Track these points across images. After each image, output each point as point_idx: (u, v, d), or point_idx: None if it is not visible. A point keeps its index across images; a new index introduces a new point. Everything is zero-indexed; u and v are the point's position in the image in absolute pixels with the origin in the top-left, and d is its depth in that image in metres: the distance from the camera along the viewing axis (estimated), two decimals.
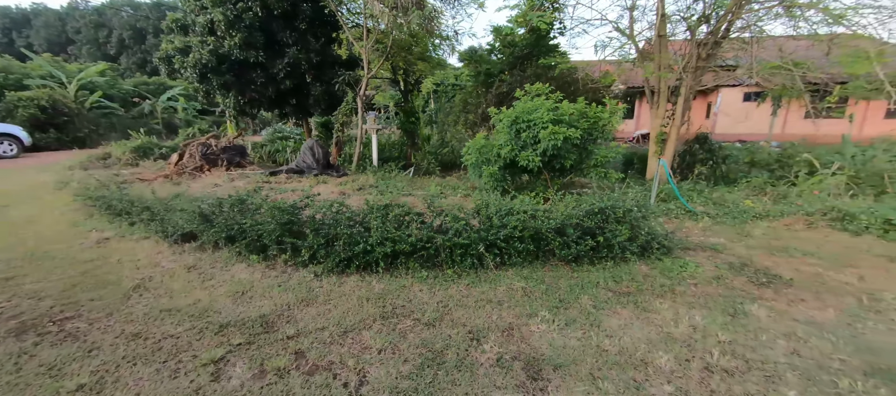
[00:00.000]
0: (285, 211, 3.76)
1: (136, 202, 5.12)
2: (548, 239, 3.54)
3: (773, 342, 2.50)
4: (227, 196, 4.55)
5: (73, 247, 4.19)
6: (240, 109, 10.54)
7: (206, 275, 3.50)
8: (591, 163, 5.34)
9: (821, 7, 6.13)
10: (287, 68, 9.41)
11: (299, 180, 7.80)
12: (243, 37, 8.69)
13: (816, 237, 4.52)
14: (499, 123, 5.57)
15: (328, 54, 10.44)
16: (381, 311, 2.86)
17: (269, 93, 9.91)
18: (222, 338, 2.52)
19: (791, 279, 3.42)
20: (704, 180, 7.38)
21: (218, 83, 9.18)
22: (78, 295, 3.13)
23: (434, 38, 11.46)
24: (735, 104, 17.45)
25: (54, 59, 21.71)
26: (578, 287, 3.21)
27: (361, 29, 10.21)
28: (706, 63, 8.11)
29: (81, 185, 6.72)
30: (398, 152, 12.24)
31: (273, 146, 12.24)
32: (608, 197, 3.85)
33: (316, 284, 3.30)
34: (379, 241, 3.44)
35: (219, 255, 3.92)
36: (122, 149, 10.46)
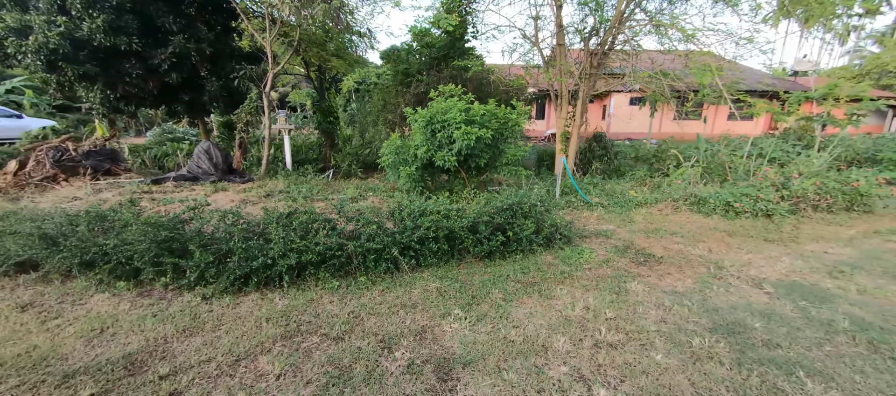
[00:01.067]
0: (163, 227, 3.20)
1: None
2: (461, 237, 3.61)
3: (647, 313, 2.90)
4: (84, 212, 3.73)
5: None
6: (111, 106, 8.75)
7: (50, 313, 2.80)
8: (503, 162, 5.64)
9: (678, 27, 7.37)
10: (172, 59, 8.10)
11: (192, 188, 6.78)
12: (108, 19, 7.22)
13: (680, 219, 5.42)
14: (415, 123, 5.54)
15: (226, 45, 9.29)
16: (283, 331, 2.60)
17: (150, 87, 8.43)
18: (66, 391, 2.03)
19: (661, 256, 4.02)
20: (600, 174, 8.34)
21: (75, 74, 7.49)
22: None
23: (350, 35, 11.02)
24: (623, 107, 20.19)
25: None
26: (490, 282, 3.34)
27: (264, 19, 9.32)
28: (598, 70, 9.18)
29: None
30: (316, 154, 11.50)
31: (160, 149, 10.48)
32: (515, 193, 4.08)
33: (203, 308, 2.86)
34: (281, 253, 3.13)
35: (70, 287, 3.17)
36: None
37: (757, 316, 2.84)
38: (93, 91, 8.30)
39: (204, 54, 8.60)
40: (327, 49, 10.86)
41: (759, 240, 4.61)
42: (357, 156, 10.93)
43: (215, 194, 6.36)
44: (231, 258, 3.16)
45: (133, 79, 8.08)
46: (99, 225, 3.43)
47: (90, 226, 3.42)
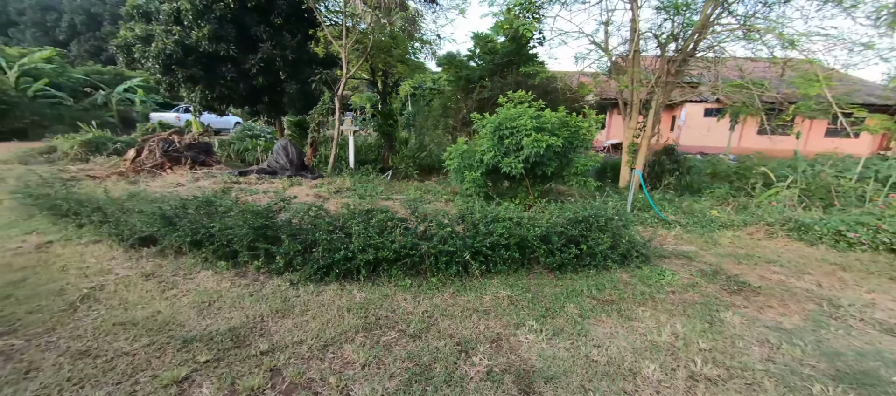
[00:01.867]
0: (259, 215, 3.52)
1: (85, 202, 4.65)
2: (533, 246, 3.52)
3: (748, 348, 2.59)
4: (192, 197, 4.22)
5: (7, 254, 3.72)
6: (207, 105, 9.93)
7: (168, 284, 3.20)
8: (571, 171, 5.43)
9: (777, 32, 6.60)
10: (260, 64, 8.98)
11: (271, 181, 7.42)
12: (213, 29, 8.21)
13: (776, 246, 4.81)
14: (482, 129, 5.55)
15: (304, 52, 10.09)
16: (363, 322, 2.72)
17: (240, 89, 9.41)
18: (186, 355, 2.29)
19: (759, 286, 3.59)
20: (673, 190, 7.71)
21: (184, 76, 8.61)
22: (12, 308, 2.76)
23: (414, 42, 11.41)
24: (697, 118, 18.54)
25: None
26: (563, 295, 3.21)
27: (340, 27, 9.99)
28: (675, 78, 8.55)
29: (20, 182, 6.04)
30: (375, 155, 12.03)
31: (242, 144, 11.64)
32: (590, 205, 3.90)
33: (292, 293, 3.09)
34: (361, 248, 3.28)
35: (182, 262, 3.61)
36: (69, 144, 9.56)
37: (893, 369, 2.41)
38: (194, 91, 9.45)
39: (286, 60, 9.41)
40: (393, 55, 11.36)
41: (884, 278, 3.93)
42: (414, 158, 11.23)
43: (291, 188, 6.90)
44: (315, 249, 3.38)
45: (228, 81, 9.07)
46: (206, 209, 3.87)
47: (199, 210, 3.87)
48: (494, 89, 8.50)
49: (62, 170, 7.87)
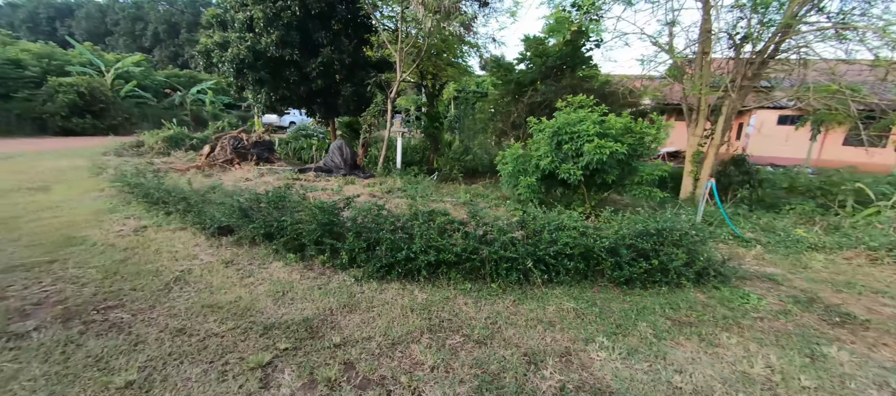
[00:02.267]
0: (326, 212, 3.68)
1: (172, 192, 5.15)
2: (599, 258, 3.35)
3: (865, 391, 2.26)
4: (264, 192, 4.52)
5: (111, 234, 4.20)
6: (270, 105, 10.67)
7: (245, 272, 3.44)
8: (634, 180, 5.13)
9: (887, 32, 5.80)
10: (320, 68, 9.48)
11: (327, 179, 7.78)
12: (280, 34, 8.80)
13: (884, 274, 4.19)
14: (538, 133, 5.41)
15: (359, 56, 10.50)
16: (427, 323, 2.73)
17: (300, 91, 10.00)
18: (267, 341, 2.43)
19: (867, 320, 3.13)
20: (746, 204, 7.03)
21: (253, 79, 9.31)
22: (119, 284, 3.10)
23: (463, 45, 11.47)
24: (769, 126, 16.83)
25: (94, 48, 22.61)
26: (633, 312, 3.01)
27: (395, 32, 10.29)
28: (751, 82, 7.82)
29: (117, 172, 6.84)
30: (420, 156, 12.21)
31: (297, 143, 12.36)
32: (662, 218, 3.64)
33: (357, 289, 3.19)
34: (423, 249, 3.31)
35: (256, 252, 3.86)
36: (154, 139, 10.70)
37: None
38: (260, 93, 10.18)
39: (343, 63, 9.85)
40: (443, 58, 11.49)
41: None
42: (459, 160, 11.26)
43: (347, 186, 7.18)
44: (378, 247, 3.46)
45: (290, 84, 9.67)
46: (278, 204, 4.12)
47: (270, 205, 4.12)
48: (548, 93, 8.28)
49: (149, 162, 8.82)
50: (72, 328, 2.46)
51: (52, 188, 6.18)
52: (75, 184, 6.38)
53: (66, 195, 5.72)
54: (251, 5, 8.67)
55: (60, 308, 2.70)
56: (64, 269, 3.33)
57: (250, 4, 8.69)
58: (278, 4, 8.56)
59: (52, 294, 2.91)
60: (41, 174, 7.27)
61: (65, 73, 17.90)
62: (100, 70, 19.24)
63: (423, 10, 6.06)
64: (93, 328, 2.48)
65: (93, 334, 2.41)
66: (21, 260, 3.47)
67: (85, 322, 2.55)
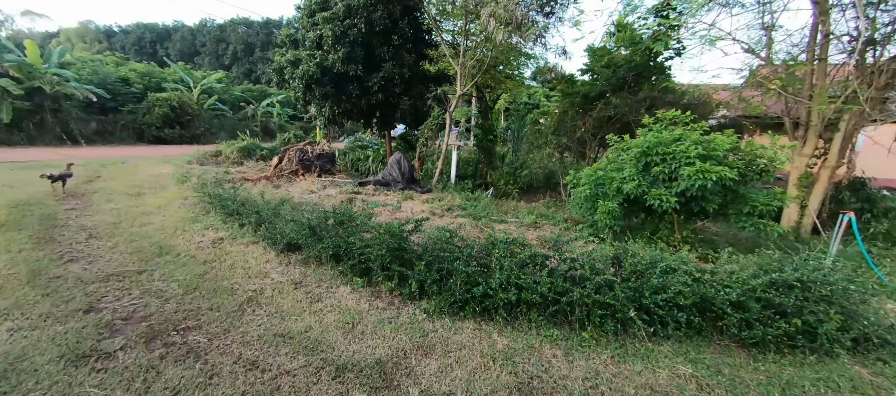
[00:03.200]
0: (395, 235, 3.47)
1: (246, 204, 5.32)
2: (720, 312, 2.74)
3: None
4: (331, 207, 4.46)
5: (192, 245, 4.37)
6: (332, 118, 11.08)
7: (314, 296, 3.31)
8: (742, 210, 4.33)
9: None
10: (382, 82, 9.64)
11: (386, 194, 7.75)
12: (346, 51, 9.09)
13: None
14: (622, 153, 4.84)
15: (418, 70, 10.57)
16: (515, 380, 2.34)
17: (361, 105, 10.25)
18: (341, 387, 2.20)
19: None
20: (881, 241, 5.75)
21: (319, 94, 9.71)
22: (198, 302, 3.11)
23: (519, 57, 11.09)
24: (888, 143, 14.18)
25: (185, 67, 25.56)
26: (777, 390, 2.37)
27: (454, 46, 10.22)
28: (883, 92, 6.52)
29: (199, 181, 7.35)
30: (473, 170, 11.95)
31: (354, 155, 12.70)
32: (802, 264, 2.92)
33: (429, 326, 2.90)
34: (502, 285, 2.95)
35: (323, 273, 3.75)
36: (230, 149, 11.57)
37: None
38: (325, 107, 10.61)
39: (403, 77, 9.94)
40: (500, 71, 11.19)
41: None
42: (514, 176, 10.80)
43: (406, 202, 7.07)
44: (451, 279, 3.16)
45: (353, 98, 9.95)
46: (346, 225, 4.01)
47: (338, 225, 4.02)
48: (621, 107, 7.58)
49: (226, 171, 9.48)
50: (154, 350, 2.44)
51: (145, 194, 6.77)
52: (165, 191, 6.95)
53: (157, 202, 6.20)
54: (321, 24, 9.08)
55: (145, 325, 2.72)
56: (150, 281, 3.44)
57: (321, 24, 9.10)
58: (346, 23, 8.87)
59: (140, 308, 2.97)
60: (140, 179, 8.07)
61: (161, 90, 20.36)
62: (189, 86, 21.63)
63: (494, 22, 5.81)
64: (172, 352, 2.43)
65: (172, 360, 2.36)
66: (116, 268, 3.67)
67: (166, 343, 2.52)
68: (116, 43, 54.81)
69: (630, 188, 4.50)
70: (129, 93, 19.68)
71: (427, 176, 11.24)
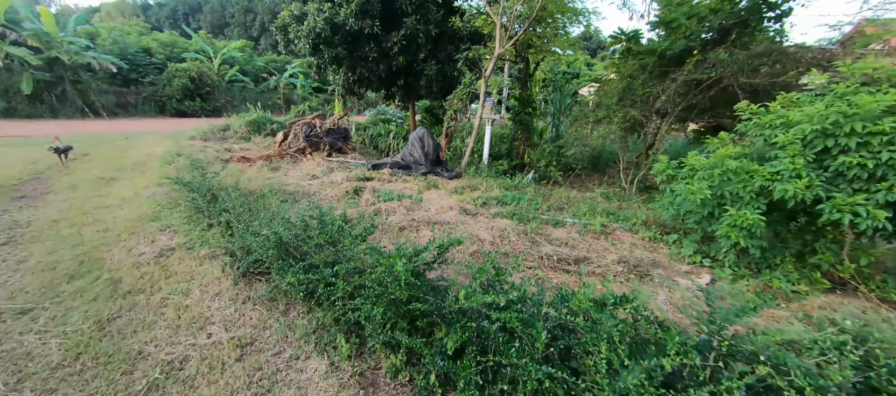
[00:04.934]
0: (407, 274, 1.96)
1: (220, 196, 4.02)
2: None
3: None
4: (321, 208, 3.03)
5: (129, 260, 3.12)
6: (348, 87, 9.61)
7: (265, 374, 1.94)
8: None
9: None
10: (402, 42, 7.98)
11: (405, 179, 6.28)
12: (360, 2, 7.45)
13: None
14: (766, 132, 3.04)
15: (447, 28, 8.76)
16: None
17: (379, 70, 8.67)
18: None
19: None
20: None
21: (329, 56, 8.21)
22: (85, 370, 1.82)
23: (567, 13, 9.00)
24: None
25: (206, 36, 24.78)
26: None
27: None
28: None
29: (186, 163, 6.19)
30: (508, 148, 10.22)
31: (375, 129, 11.27)
32: None
33: None
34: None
35: (292, 322, 2.37)
36: (239, 122, 10.48)
37: None
38: (338, 73, 9.12)
39: (429, 35, 8.20)
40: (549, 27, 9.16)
41: None
42: (557, 155, 9.00)
43: (428, 192, 5.57)
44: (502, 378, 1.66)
45: (369, 62, 8.38)
46: (330, 246, 2.57)
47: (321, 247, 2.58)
48: (731, 65, 5.53)
49: (228, 148, 8.35)
50: None
51: (120, 179, 5.70)
52: (143, 176, 5.84)
53: (125, 190, 5.09)
54: None
55: None
56: (24, 332, 2.20)
57: None
58: None
59: None
60: (130, 159, 7.08)
61: (182, 60, 19.65)
62: (209, 56, 20.80)
63: None
64: None
65: None
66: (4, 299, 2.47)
67: None
68: (152, 16, 55.69)
69: (794, 190, 2.72)
70: (150, 64, 19.12)
71: (455, 155, 9.65)
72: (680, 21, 7.12)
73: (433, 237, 3.66)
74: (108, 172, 6.07)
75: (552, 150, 9.17)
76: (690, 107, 6.88)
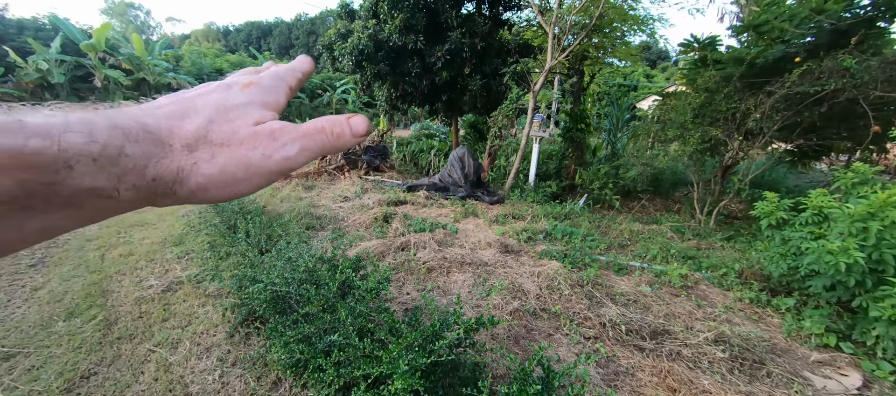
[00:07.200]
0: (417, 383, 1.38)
1: (238, 222, 3.78)
2: None
3: None
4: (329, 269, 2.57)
5: (135, 293, 2.90)
6: (391, 103, 9.44)
7: None
8: None
9: None
10: (446, 56, 7.59)
11: (441, 203, 5.76)
12: (405, 17, 7.22)
13: None
14: None
15: (493, 40, 8.25)
16: None
17: (422, 86, 8.37)
18: None
19: None
20: None
21: (372, 72, 8.06)
22: None
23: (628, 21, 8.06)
24: None
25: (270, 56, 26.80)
26: None
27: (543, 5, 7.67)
28: None
29: None
30: (556, 167, 9.31)
31: (417, 145, 10.99)
32: None
33: None
34: None
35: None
36: None
37: None
38: (382, 89, 8.97)
39: (474, 49, 7.74)
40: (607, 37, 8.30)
41: None
42: (614, 176, 7.94)
43: (465, 220, 4.97)
44: None
45: (411, 77, 8.10)
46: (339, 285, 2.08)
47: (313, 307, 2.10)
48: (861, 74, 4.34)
49: None
50: None
51: None
52: None
53: (164, 209, 5.11)
54: None
55: None
56: (13, 368, 1.95)
57: None
58: None
59: None
60: None
61: None
62: None
63: None
64: None
65: None
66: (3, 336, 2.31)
67: None
68: (231, 40, 62.38)
69: None
70: None
71: (500, 175, 9.00)
72: (774, 24, 5.92)
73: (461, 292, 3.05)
74: None
75: (608, 171, 8.14)
76: (791, 125, 5.61)
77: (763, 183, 7.57)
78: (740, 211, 6.72)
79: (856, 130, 5.36)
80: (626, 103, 13.62)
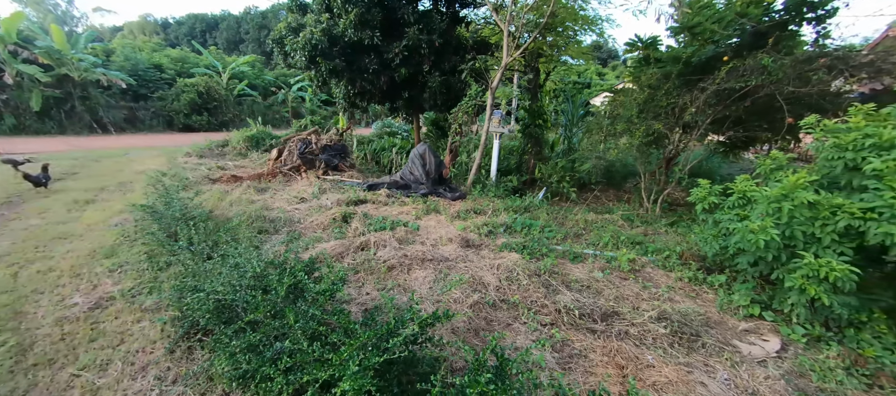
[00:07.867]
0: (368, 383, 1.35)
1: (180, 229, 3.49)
2: None
3: None
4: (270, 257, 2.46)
5: (58, 311, 2.59)
6: (350, 101, 9.18)
7: None
8: None
9: None
10: (404, 53, 7.50)
11: (403, 201, 5.70)
12: (359, 12, 7.03)
13: None
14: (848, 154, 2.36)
15: (451, 37, 8.29)
16: None
17: (380, 83, 8.21)
18: None
19: None
20: None
21: (327, 68, 7.79)
22: None
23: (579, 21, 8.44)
24: None
25: (217, 51, 25.08)
26: None
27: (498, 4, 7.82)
28: None
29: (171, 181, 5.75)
30: (517, 162, 9.57)
31: (379, 143, 10.79)
32: None
33: None
34: None
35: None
36: (238, 138, 10.13)
37: None
38: (339, 86, 8.70)
39: (432, 46, 7.72)
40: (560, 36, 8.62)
41: None
42: (571, 169, 8.31)
43: (427, 217, 4.96)
44: None
45: (369, 74, 7.92)
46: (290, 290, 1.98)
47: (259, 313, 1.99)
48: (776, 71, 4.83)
49: (222, 166, 7.95)
50: None
51: (98, 201, 5.28)
52: (121, 199, 5.41)
53: (98, 216, 4.63)
54: None
55: None
56: None
57: None
58: None
59: None
60: (121, 177, 6.72)
61: (192, 76, 19.75)
62: (218, 71, 20.90)
63: None
64: None
65: None
66: None
67: None
68: (171, 33, 57.45)
69: None
70: (160, 79, 19.25)
71: (462, 171, 9.06)
72: (705, 26, 6.45)
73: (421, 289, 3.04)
74: (90, 193, 5.68)
75: (565, 164, 8.49)
76: (721, 119, 6.18)
77: (701, 172, 8.25)
78: (682, 199, 7.25)
79: (774, 122, 5.98)
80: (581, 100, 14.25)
